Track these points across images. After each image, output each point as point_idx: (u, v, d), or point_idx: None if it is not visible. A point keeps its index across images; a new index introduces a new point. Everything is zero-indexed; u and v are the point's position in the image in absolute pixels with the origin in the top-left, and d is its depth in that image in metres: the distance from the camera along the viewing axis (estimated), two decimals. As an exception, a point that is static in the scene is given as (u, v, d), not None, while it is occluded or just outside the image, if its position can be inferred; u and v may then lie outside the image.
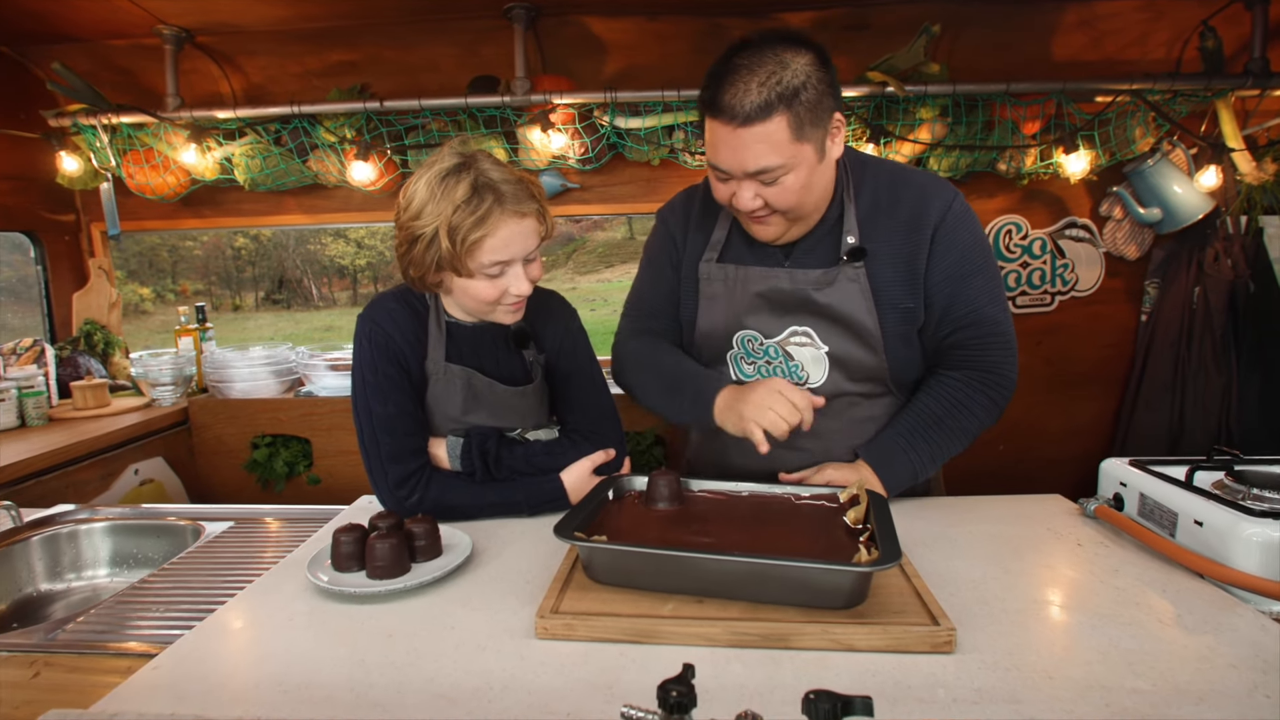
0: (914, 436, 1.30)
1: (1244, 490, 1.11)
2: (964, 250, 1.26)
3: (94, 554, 1.48)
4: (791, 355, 1.32)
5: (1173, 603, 0.96)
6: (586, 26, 2.57)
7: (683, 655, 0.85)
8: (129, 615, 1.09)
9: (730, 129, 1.12)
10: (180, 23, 2.47)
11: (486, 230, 1.15)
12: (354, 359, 1.30)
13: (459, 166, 1.17)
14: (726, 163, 1.16)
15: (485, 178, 1.16)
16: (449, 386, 1.31)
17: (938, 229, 1.25)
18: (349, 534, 1.08)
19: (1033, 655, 0.84)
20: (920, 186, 1.28)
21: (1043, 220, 2.85)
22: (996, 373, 1.30)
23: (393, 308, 1.31)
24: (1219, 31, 2.40)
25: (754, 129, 1.10)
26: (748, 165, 1.14)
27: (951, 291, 1.26)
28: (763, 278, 1.31)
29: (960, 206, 1.27)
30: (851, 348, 1.30)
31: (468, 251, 1.16)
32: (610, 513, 1.12)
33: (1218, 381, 2.71)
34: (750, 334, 1.34)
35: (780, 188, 1.16)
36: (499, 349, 1.36)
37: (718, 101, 1.12)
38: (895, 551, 0.88)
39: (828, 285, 1.27)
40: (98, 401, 2.55)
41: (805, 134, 1.13)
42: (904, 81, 2.37)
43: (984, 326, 1.28)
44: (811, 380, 1.33)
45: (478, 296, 1.22)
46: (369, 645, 0.90)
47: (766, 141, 1.11)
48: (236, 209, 2.93)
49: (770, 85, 1.09)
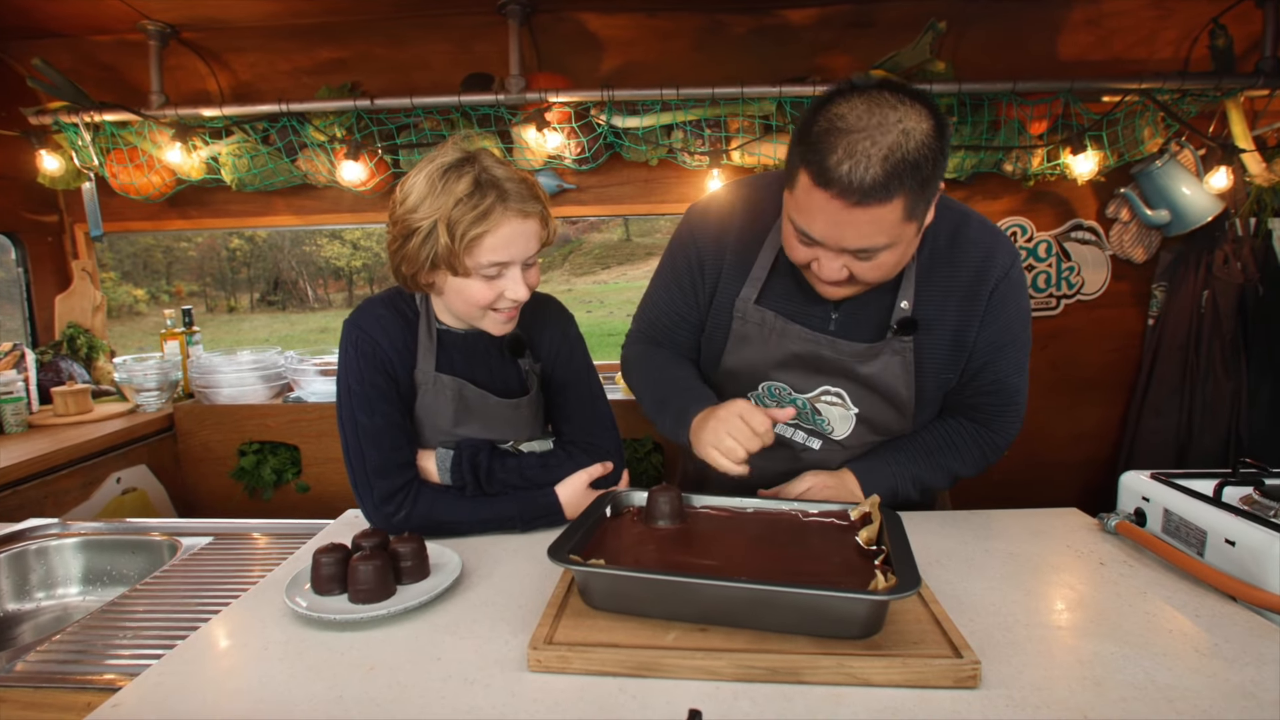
0: (902, 459, 1.28)
1: (1276, 506, 1.05)
2: (1009, 320, 1.20)
3: (65, 571, 1.41)
4: (819, 411, 1.28)
5: (1207, 630, 0.90)
6: (583, 23, 2.51)
7: (686, 690, 0.79)
8: (95, 642, 1.03)
9: (839, 204, 0.96)
10: (165, 18, 2.41)
11: (488, 227, 1.10)
12: (339, 367, 1.24)
13: (461, 162, 1.12)
14: (824, 236, 1.02)
15: (488, 174, 1.11)
16: (439, 397, 1.25)
17: (991, 296, 1.18)
18: (330, 555, 1.02)
19: (1064, 691, 0.77)
20: (984, 247, 1.18)
21: (1048, 222, 2.80)
22: (1001, 434, 1.31)
23: (381, 314, 1.25)
24: (1229, 30, 2.35)
25: (869, 210, 0.96)
26: (849, 244, 1.01)
27: (986, 360, 1.23)
28: (802, 339, 1.21)
29: (1017, 273, 1.20)
30: (882, 411, 1.26)
31: (467, 248, 1.10)
32: (608, 531, 1.06)
33: (1227, 387, 2.66)
34: (779, 385, 1.28)
35: (874, 264, 1.04)
36: (492, 357, 1.29)
37: (828, 169, 0.95)
38: (914, 578, 0.82)
39: (872, 359, 1.20)
40: (79, 407, 2.47)
41: (917, 212, 1.00)
42: (909, 79, 2.32)
43: (1004, 396, 1.27)
44: (837, 433, 1.29)
45: (471, 299, 1.15)
46: (348, 679, 0.83)
47: (878, 223, 0.98)
48: (224, 209, 2.86)
49: (894, 161, 0.93)
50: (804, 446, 1.30)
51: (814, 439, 1.30)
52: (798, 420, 1.29)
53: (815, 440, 1.30)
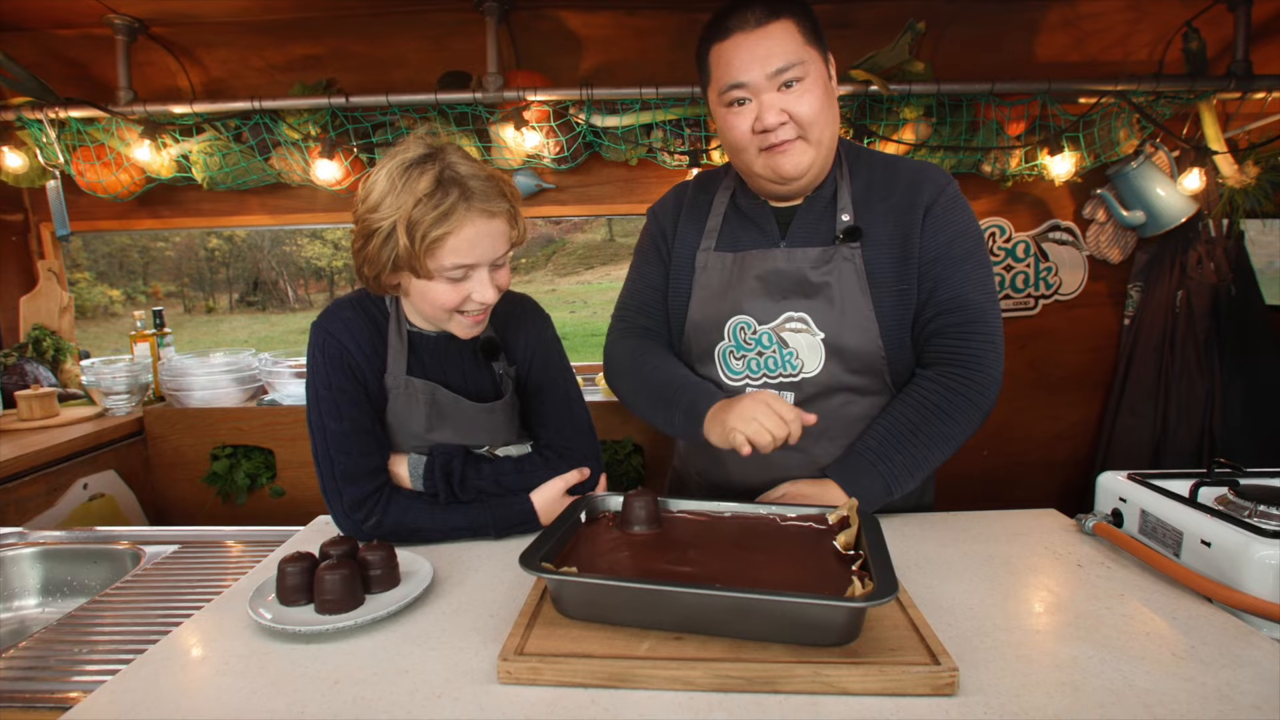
0: (884, 450, 1.22)
1: (1250, 507, 1.05)
2: (955, 233, 1.24)
3: (22, 582, 1.36)
4: (786, 342, 1.26)
5: (1184, 632, 0.89)
6: (562, 21, 2.49)
7: (660, 701, 0.77)
8: (50, 657, 0.99)
9: (744, 36, 1.16)
10: (133, 12, 2.35)
11: (449, 228, 1.04)
12: (308, 371, 1.20)
13: (424, 157, 1.06)
14: (747, 71, 1.16)
15: (452, 171, 1.06)
16: (411, 402, 1.22)
17: (929, 210, 1.24)
18: (296, 564, 0.99)
19: (1042, 697, 0.77)
20: (914, 168, 1.28)
21: (1026, 223, 2.82)
22: (976, 367, 1.21)
23: (348, 316, 1.21)
24: (1202, 33, 2.38)
25: (769, 29, 1.15)
26: (769, 64, 1.15)
27: (939, 274, 1.23)
28: (760, 260, 1.28)
29: (953, 191, 1.26)
30: (848, 334, 1.24)
31: (428, 250, 1.05)
32: (582, 538, 1.04)
33: (1201, 386, 2.69)
34: (744, 320, 1.28)
35: (803, 95, 1.17)
36: (465, 360, 1.26)
37: (726, 24, 1.17)
38: (891, 584, 0.81)
39: (824, 264, 1.25)
40: (45, 411, 2.41)
41: (813, 41, 1.18)
42: (888, 80, 2.32)
43: (967, 313, 1.22)
44: (807, 369, 1.26)
45: (436, 302, 1.11)
46: (311, 694, 0.80)
47: (783, 40, 1.15)
48: (196, 209, 2.80)
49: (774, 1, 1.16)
50: None
51: (786, 392, 1.27)
52: (765, 373, 1.29)
53: (787, 393, 1.27)
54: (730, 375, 1.31)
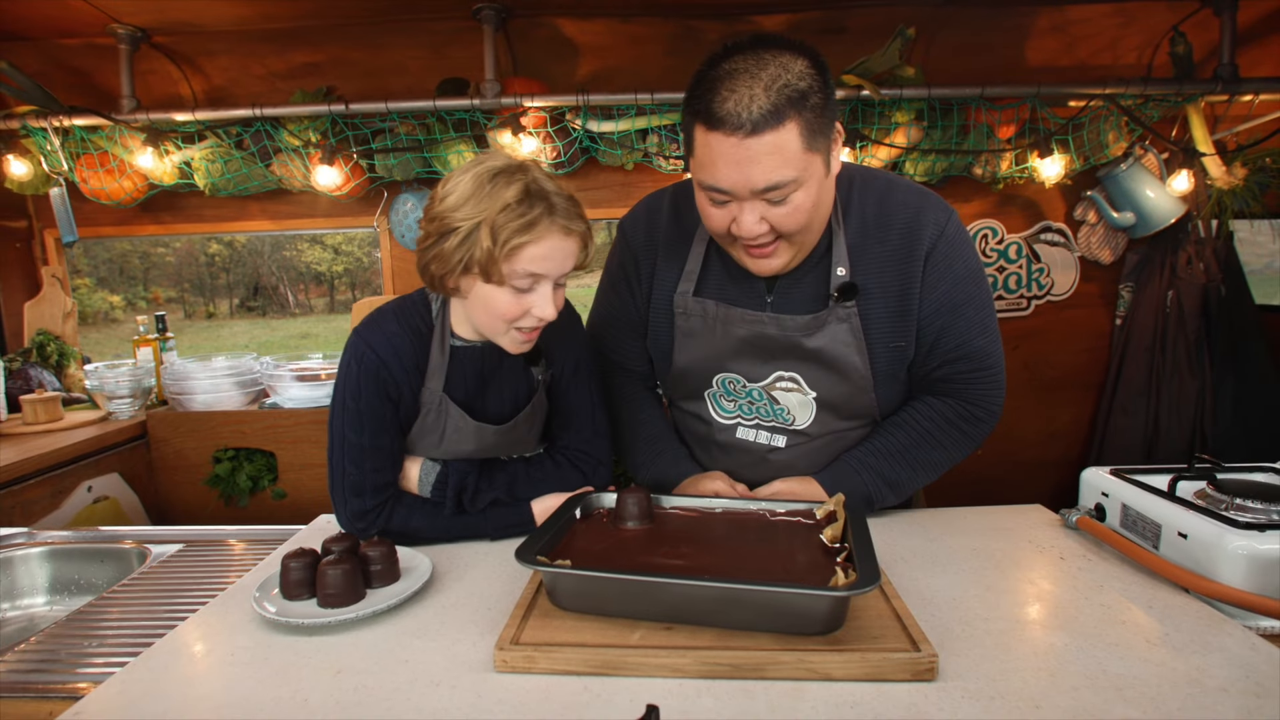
0: (870, 462, 1.25)
1: (1226, 500, 1.08)
2: (956, 279, 1.17)
3: (31, 581, 1.39)
4: (777, 400, 1.25)
5: (1159, 620, 0.92)
6: (558, 28, 2.53)
7: (650, 688, 0.80)
8: (60, 650, 1.02)
9: (735, 140, 0.97)
10: (135, 21, 2.39)
11: (532, 237, 1.05)
12: (339, 376, 1.19)
13: (510, 169, 1.08)
14: (730, 181, 1.01)
15: (538, 185, 1.08)
16: (438, 421, 1.22)
17: (930, 256, 1.15)
18: (299, 560, 1.02)
19: (1018, 682, 0.80)
20: (911, 206, 1.17)
21: (1018, 225, 2.85)
22: (980, 405, 1.25)
23: (392, 330, 1.18)
24: (1188, 37, 2.42)
25: (764, 139, 0.97)
26: (756, 182, 1.00)
27: (942, 325, 1.18)
28: (745, 321, 1.20)
29: (953, 230, 1.17)
30: (840, 390, 1.23)
31: (506, 255, 1.06)
32: (577, 533, 1.07)
33: (1192, 385, 2.72)
34: (732, 376, 1.26)
35: (789, 208, 1.03)
36: (505, 368, 1.25)
37: (716, 111, 0.97)
38: (874, 573, 0.84)
39: (817, 330, 1.18)
40: (49, 415, 2.44)
41: (816, 143, 1.01)
42: (879, 85, 2.35)
43: (973, 360, 1.22)
44: (799, 423, 1.26)
45: (496, 311, 1.11)
46: (314, 683, 0.83)
47: (778, 154, 0.98)
48: (198, 214, 2.84)
49: (778, 89, 0.96)
50: (769, 446, 1.29)
51: (778, 435, 1.28)
52: (758, 418, 1.28)
53: (780, 437, 1.28)
54: (722, 414, 1.31)
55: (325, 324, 16.36)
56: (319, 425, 2.51)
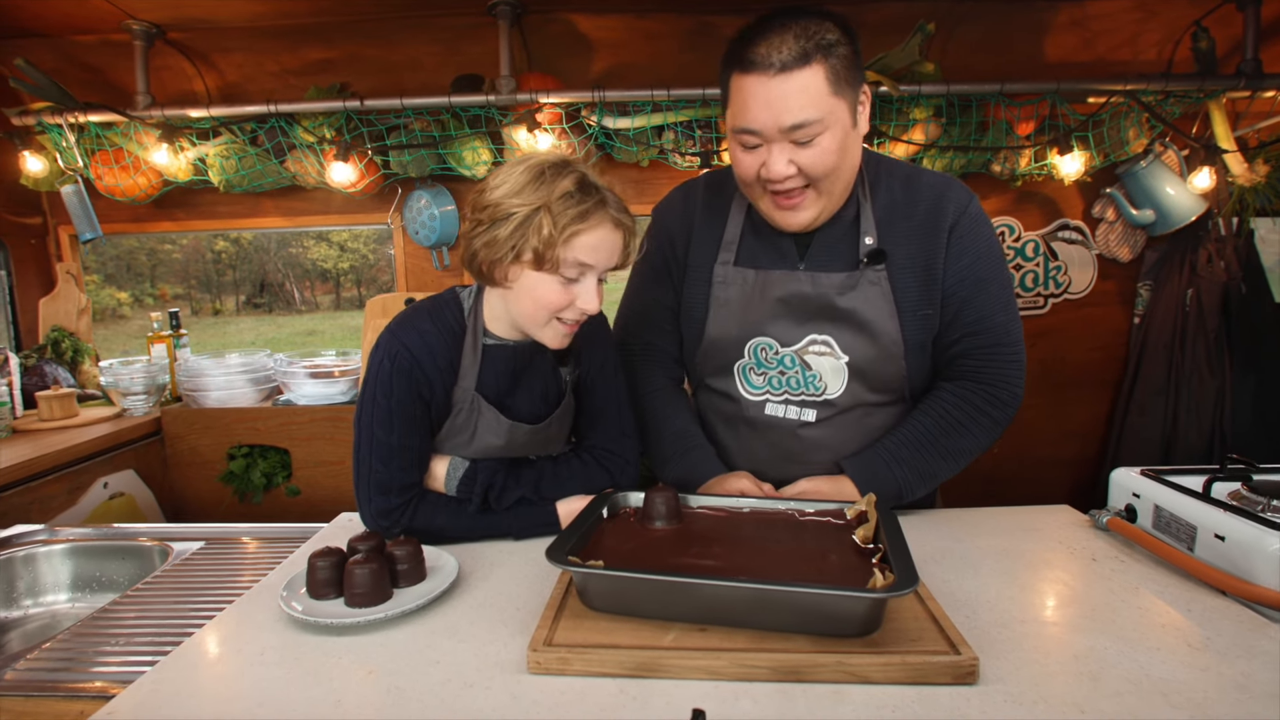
0: (902, 454, 1.25)
1: (1263, 501, 1.07)
2: (979, 254, 1.22)
3: (53, 578, 1.39)
4: (809, 364, 1.26)
5: (1199, 624, 0.91)
6: (573, 24, 2.51)
7: (686, 690, 0.79)
8: (86, 649, 1.01)
9: (765, 79, 1.06)
10: (150, 18, 2.38)
11: (588, 225, 1.07)
12: (369, 372, 1.18)
13: (563, 162, 1.11)
14: (759, 119, 1.09)
15: (590, 180, 1.10)
16: (469, 419, 1.21)
17: (953, 230, 1.21)
18: (325, 559, 1.01)
19: (1060, 686, 0.78)
20: (936, 187, 1.24)
21: (1035, 222, 2.83)
22: (1001, 386, 1.25)
23: (426, 329, 1.17)
24: (1211, 32, 2.39)
25: (792, 77, 1.05)
26: (784, 119, 1.07)
27: (965, 296, 1.22)
28: (783, 282, 1.25)
29: (976, 209, 1.23)
30: (873, 357, 1.24)
31: (564, 240, 1.07)
32: (605, 533, 1.06)
33: (1211, 384, 2.69)
34: (766, 341, 1.27)
35: (816, 150, 1.10)
36: (536, 368, 1.25)
37: (750, 55, 1.07)
38: (912, 575, 0.83)
39: (850, 289, 1.22)
40: (65, 412, 2.44)
41: (842, 90, 1.08)
42: (898, 81, 2.33)
43: (993, 335, 1.24)
44: (830, 391, 1.26)
45: (542, 300, 1.11)
46: (346, 683, 0.83)
47: (805, 92, 1.06)
48: (212, 211, 2.84)
49: (807, 37, 1.05)
50: (799, 421, 1.29)
51: (808, 409, 1.28)
52: (787, 391, 1.29)
53: (809, 411, 1.28)
54: (750, 390, 1.31)
55: (332, 321, 16.40)
56: (333, 422, 2.51)
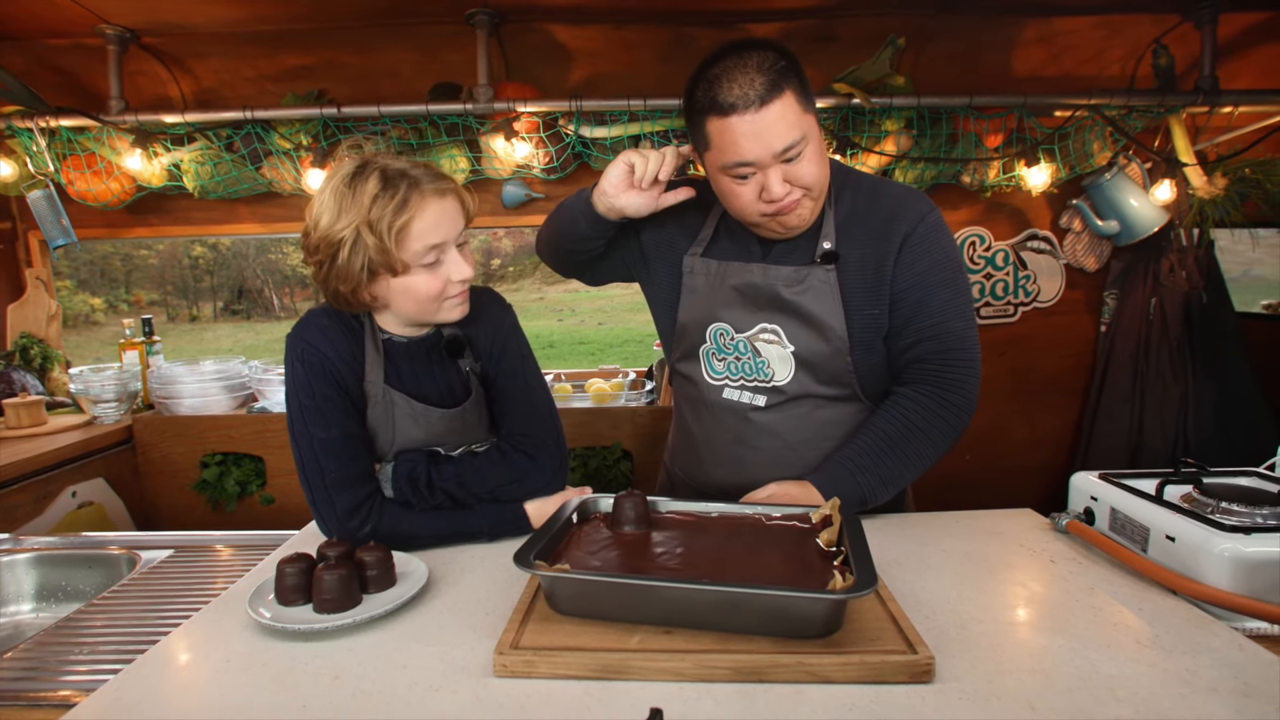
0: (864, 462, 1.27)
1: (1213, 504, 1.10)
2: (934, 261, 1.26)
3: (16, 588, 1.37)
4: (759, 351, 1.32)
5: (1149, 622, 0.94)
6: (551, 34, 2.53)
7: (651, 692, 0.80)
8: (50, 658, 1.00)
9: (749, 116, 1.12)
10: (124, 22, 2.37)
11: (410, 214, 1.10)
12: (288, 382, 1.20)
13: (361, 167, 1.12)
14: (754, 152, 1.15)
15: (391, 169, 1.12)
16: (387, 410, 1.23)
17: (907, 239, 1.25)
18: (294, 565, 1.01)
19: (1013, 683, 0.81)
20: (897, 197, 1.29)
21: (1005, 232, 2.89)
22: (955, 390, 1.27)
23: (325, 324, 1.22)
24: (1170, 50, 2.46)
25: (771, 107, 1.12)
26: (775, 146, 1.14)
27: (917, 300, 1.26)
28: (738, 272, 1.33)
29: (934, 219, 1.27)
30: (817, 348, 1.29)
31: (397, 241, 1.10)
32: (574, 537, 1.07)
33: (1175, 391, 2.76)
34: (722, 327, 1.34)
35: (804, 163, 1.17)
36: (436, 363, 1.28)
37: (725, 100, 1.13)
38: (871, 577, 0.85)
39: (798, 283, 1.28)
40: (33, 419, 2.40)
41: (809, 105, 1.17)
42: (869, 93, 2.38)
43: (948, 340, 1.26)
44: (777, 378, 1.32)
45: (420, 294, 1.15)
46: (312, 689, 0.83)
47: (784, 118, 1.13)
48: (186, 217, 2.81)
49: (769, 69, 1.13)
50: (751, 405, 1.34)
51: (759, 395, 1.33)
52: (743, 376, 1.34)
53: (760, 396, 1.33)
54: (713, 375, 1.37)
55: (306, 329, 16.16)
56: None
